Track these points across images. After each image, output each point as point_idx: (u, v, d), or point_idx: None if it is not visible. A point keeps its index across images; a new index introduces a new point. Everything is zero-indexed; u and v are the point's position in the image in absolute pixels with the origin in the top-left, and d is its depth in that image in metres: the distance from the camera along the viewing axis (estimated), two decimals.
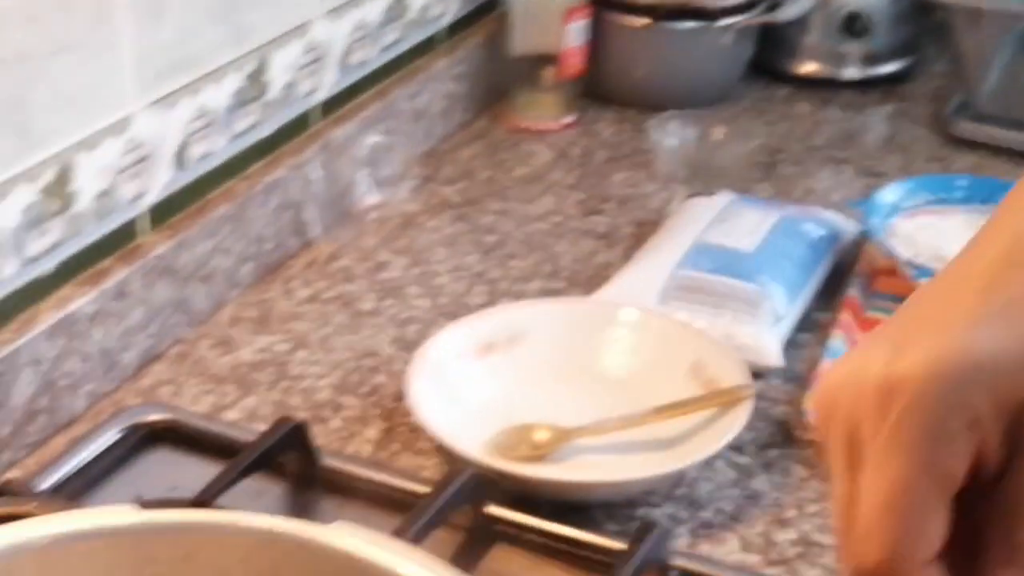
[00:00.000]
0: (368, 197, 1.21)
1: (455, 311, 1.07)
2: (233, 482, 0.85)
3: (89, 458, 0.90)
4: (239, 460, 0.87)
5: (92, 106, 0.95)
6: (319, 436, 0.92)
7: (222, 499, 0.80)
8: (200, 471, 0.89)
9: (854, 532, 0.44)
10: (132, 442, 0.92)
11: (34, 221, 0.92)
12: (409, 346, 1.02)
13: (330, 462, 0.89)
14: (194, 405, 0.97)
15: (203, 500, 0.78)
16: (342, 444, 0.94)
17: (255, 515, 0.54)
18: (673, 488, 0.89)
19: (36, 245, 0.93)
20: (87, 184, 0.96)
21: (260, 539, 0.54)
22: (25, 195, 0.91)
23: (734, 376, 0.94)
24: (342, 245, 1.17)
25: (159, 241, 1.02)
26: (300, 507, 0.88)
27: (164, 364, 1.02)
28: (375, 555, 0.52)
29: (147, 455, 0.92)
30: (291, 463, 0.89)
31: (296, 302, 1.09)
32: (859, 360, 0.45)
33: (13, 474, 0.89)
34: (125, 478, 0.90)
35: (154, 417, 0.94)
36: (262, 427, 0.89)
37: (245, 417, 0.96)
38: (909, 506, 0.43)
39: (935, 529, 0.43)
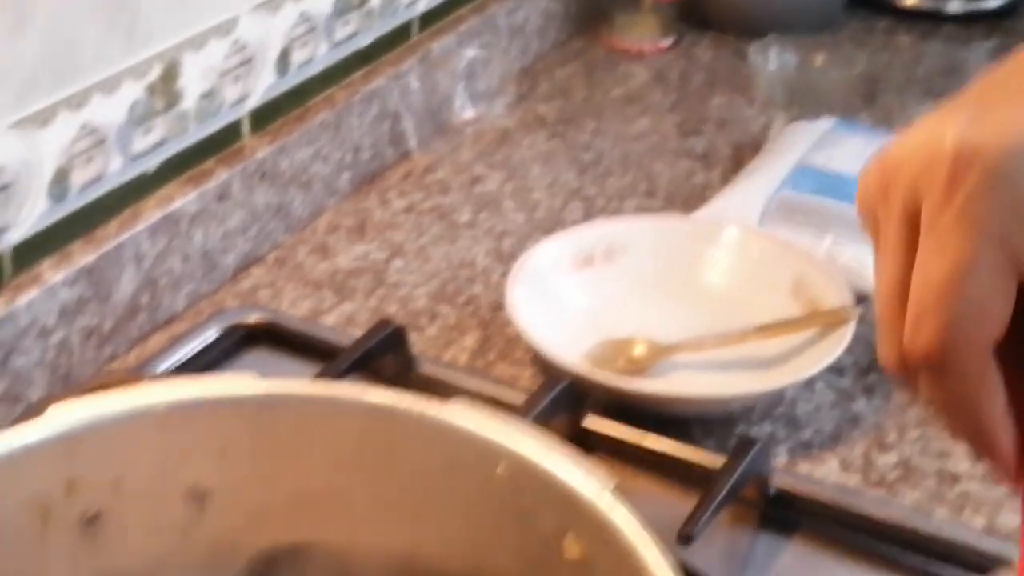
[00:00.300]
0: (464, 111, 1.20)
1: (551, 226, 1.06)
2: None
3: (188, 356, 0.90)
4: (338, 361, 0.87)
5: (200, 5, 0.95)
6: (416, 343, 0.92)
7: None
8: (298, 373, 0.89)
9: (905, 315, 0.40)
10: (231, 342, 0.93)
11: (139, 118, 0.92)
12: (505, 258, 1.02)
13: (427, 368, 0.89)
14: (292, 309, 0.97)
15: None
16: (438, 352, 0.93)
17: (375, 390, 0.54)
18: (772, 407, 0.88)
19: (141, 142, 0.93)
20: (192, 84, 0.96)
21: (378, 415, 0.53)
22: (131, 92, 0.91)
23: (837, 297, 0.92)
24: (438, 158, 1.16)
25: (260, 145, 1.02)
26: None
27: (263, 268, 1.02)
28: (492, 432, 0.52)
29: (245, 356, 0.92)
30: (388, 367, 0.88)
31: (392, 212, 1.09)
32: (929, 129, 0.40)
33: (114, 368, 0.90)
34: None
35: (253, 318, 0.94)
36: (359, 333, 0.89)
37: (342, 322, 0.96)
38: (975, 284, 0.38)
39: (999, 313, 0.39)
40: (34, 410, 0.50)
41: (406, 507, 0.54)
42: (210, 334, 0.92)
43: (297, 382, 0.54)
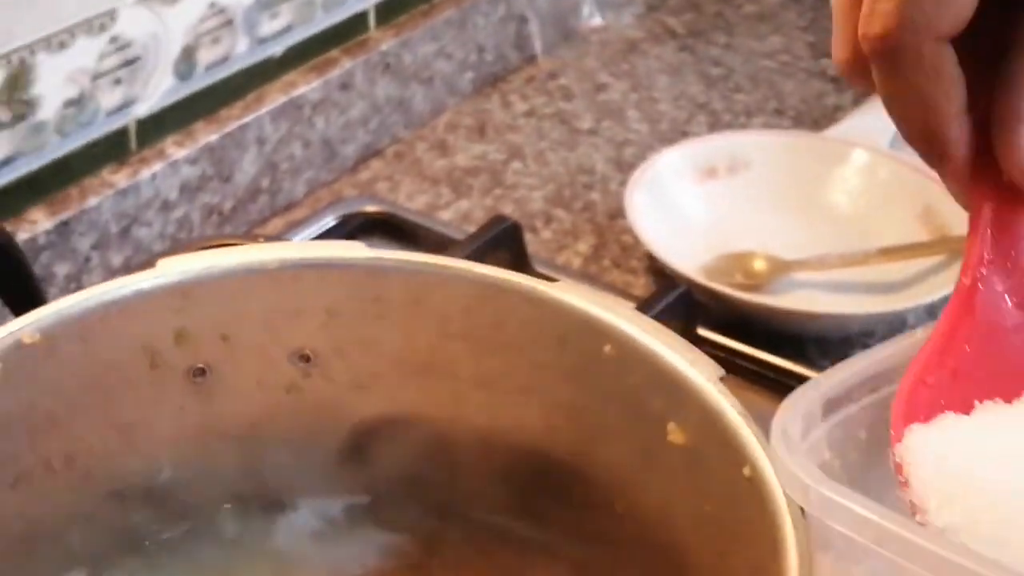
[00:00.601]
0: (592, 19, 1.19)
1: (674, 138, 1.04)
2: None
3: (305, 241, 0.90)
4: (452, 252, 0.87)
5: None
6: (530, 244, 0.91)
7: None
8: None
9: (860, 8, 0.38)
10: (347, 231, 0.93)
11: (267, 3, 0.92)
12: (624, 167, 1.00)
13: (540, 269, 0.88)
14: (409, 203, 0.97)
15: None
16: (552, 255, 0.93)
17: (484, 266, 0.53)
18: (892, 331, 0.86)
19: (267, 27, 0.93)
20: None
21: (487, 289, 0.53)
22: None
23: (965, 226, 0.89)
24: (563, 64, 1.15)
25: (385, 38, 1.01)
26: None
27: (381, 161, 1.02)
28: (600, 312, 0.51)
29: (363, 243, 0.92)
30: (502, 263, 0.87)
31: (513, 115, 1.08)
32: None
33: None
34: None
35: (370, 208, 0.94)
36: (474, 230, 0.88)
37: (458, 219, 0.96)
38: None
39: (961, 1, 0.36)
40: (146, 263, 0.51)
41: (510, 383, 0.54)
42: (327, 221, 0.93)
43: (406, 253, 0.54)
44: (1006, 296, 0.42)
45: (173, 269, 0.51)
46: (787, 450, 0.41)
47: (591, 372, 0.52)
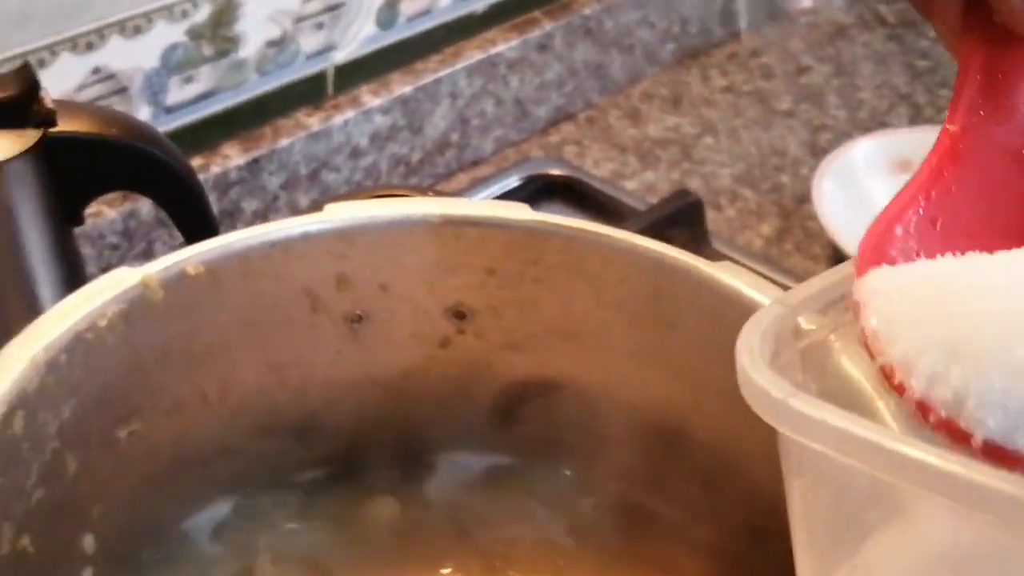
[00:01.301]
0: (801, 1, 1.16)
1: (872, 127, 1.01)
2: None
3: (487, 198, 0.91)
4: (629, 223, 0.87)
5: None
6: (712, 222, 0.90)
7: None
8: None
9: None
10: (530, 191, 0.93)
11: None
12: (818, 152, 0.98)
13: (719, 247, 0.87)
14: (595, 169, 0.97)
15: None
16: (733, 234, 0.91)
17: (647, 239, 0.53)
18: None
19: None
20: None
21: (647, 263, 0.52)
22: None
23: None
24: (767, 43, 1.13)
25: (588, 3, 1.01)
26: None
27: (572, 125, 1.02)
28: (757, 297, 0.50)
29: (542, 205, 0.92)
30: (680, 238, 0.87)
31: (711, 89, 1.07)
32: None
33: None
34: None
35: (555, 171, 0.94)
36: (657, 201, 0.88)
37: (642, 189, 0.95)
38: None
39: None
40: (312, 208, 0.52)
41: (661, 358, 0.53)
42: (511, 180, 0.93)
43: (569, 219, 0.53)
44: (997, 146, 0.40)
45: (339, 215, 0.52)
46: (752, 365, 0.37)
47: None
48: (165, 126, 0.81)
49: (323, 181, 0.88)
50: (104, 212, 0.78)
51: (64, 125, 0.55)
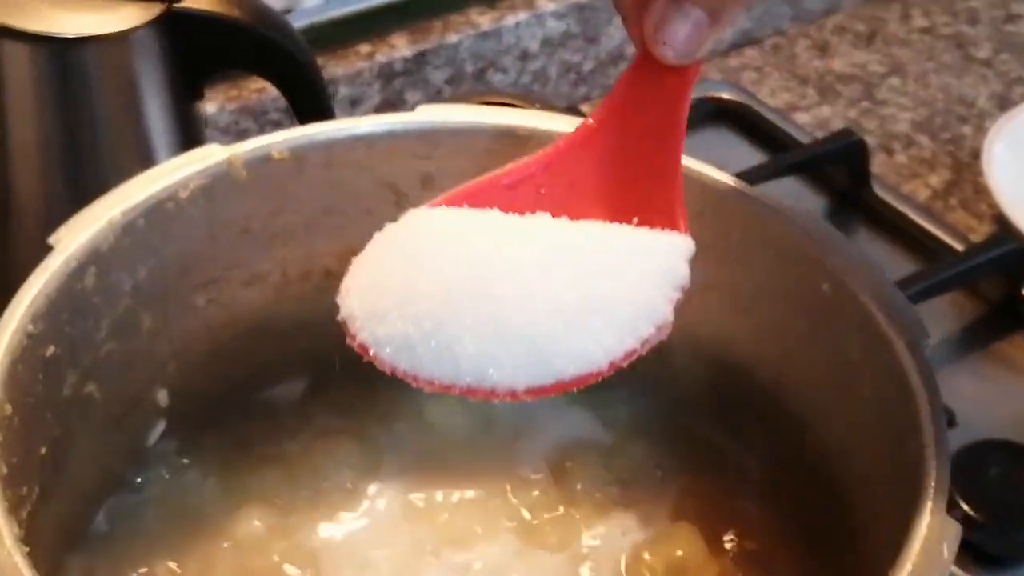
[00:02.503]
0: None
1: None
2: (777, 174, 0.83)
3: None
4: (786, 155, 0.85)
5: None
6: (880, 166, 0.88)
7: (762, 186, 0.79)
8: (750, 158, 0.88)
9: None
10: (698, 114, 0.92)
11: None
12: (1009, 107, 0.94)
13: (880, 192, 0.85)
14: (770, 98, 0.95)
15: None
16: (899, 180, 0.89)
17: (721, 173, 0.53)
18: None
19: None
20: None
21: (724, 196, 0.52)
22: None
23: None
24: None
25: None
26: (832, 223, 0.85)
27: (757, 51, 1.00)
28: (832, 249, 0.49)
29: (707, 128, 0.92)
30: (840, 179, 0.85)
31: (909, 29, 1.03)
32: None
33: (585, 108, 0.92)
34: None
35: (727, 96, 0.93)
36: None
37: (814, 124, 0.93)
38: None
39: None
40: (390, 108, 0.53)
41: (731, 295, 0.53)
42: None
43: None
44: (621, 145, 0.46)
45: (430, 117, 0.53)
46: None
47: (806, 304, 0.50)
48: (337, 10, 0.83)
49: (489, 80, 0.89)
50: (268, 88, 0.81)
51: (189, 1, 0.57)
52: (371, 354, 0.43)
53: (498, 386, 0.41)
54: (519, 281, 0.42)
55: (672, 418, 0.57)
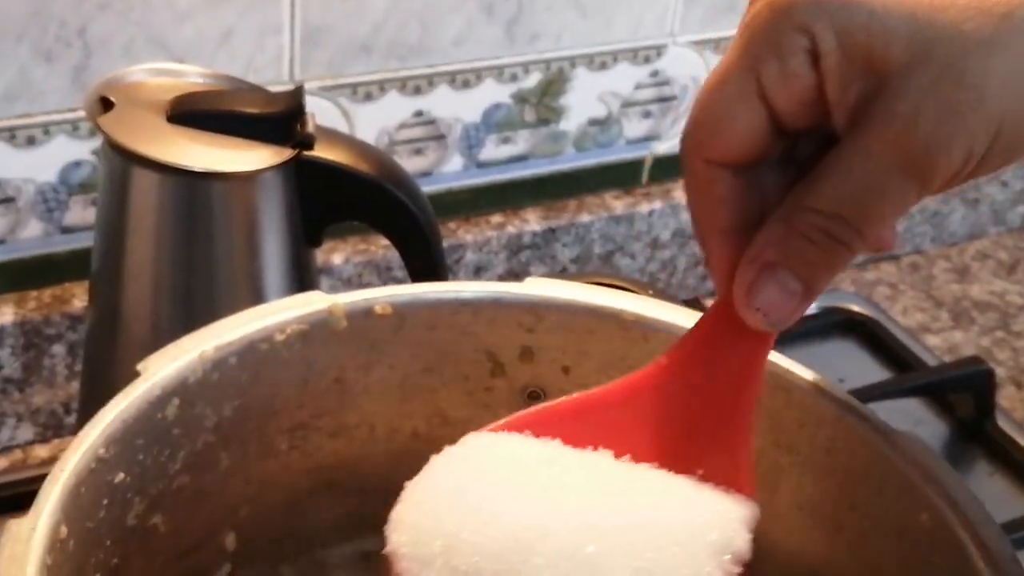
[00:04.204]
0: None
1: None
2: (900, 394, 0.81)
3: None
4: (912, 376, 0.83)
5: None
6: (1008, 398, 0.85)
7: (882, 405, 0.76)
8: (874, 374, 0.85)
9: None
10: (826, 323, 0.90)
11: None
12: None
13: (1005, 427, 0.82)
14: (902, 317, 0.93)
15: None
16: None
17: (834, 386, 0.50)
18: None
19: None
20: None
21: (829, 409, 0.50)
22: None
23: None
24: None
25: None
26: (950, 451, 0.82)
27: (894, 266, 0.98)
28: (937, 477, 0.46)
29: (833, 340, 0.90)
30: (964, 407, 0.82)
31: None
32: None
33: (708, 302, 0.91)
34: (804, 350, 0.88)
35: (858, 308, 0.91)
36: None
37: (944, 348, 0.90)
38: (718, 95, 0.40)
39: (732, 131, 0.40)
40: (513, 278, 0.52)
41: (824, 513, 0.50)
42: (810, 308, 0.91)
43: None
44: (686, 389, 0.44)
45: (536, 289, 0.53)
46: None
47: (901, 534, 0.47)
48: (473, 179, 0.84)
49: (615, 264, 0.88)
50: None
51: (320, 151, 0.58)
52: None
53: None
54: (575, 543, 0.40)
55: None
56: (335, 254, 0.80)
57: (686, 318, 0.52)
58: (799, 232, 0.40)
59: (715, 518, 0.42)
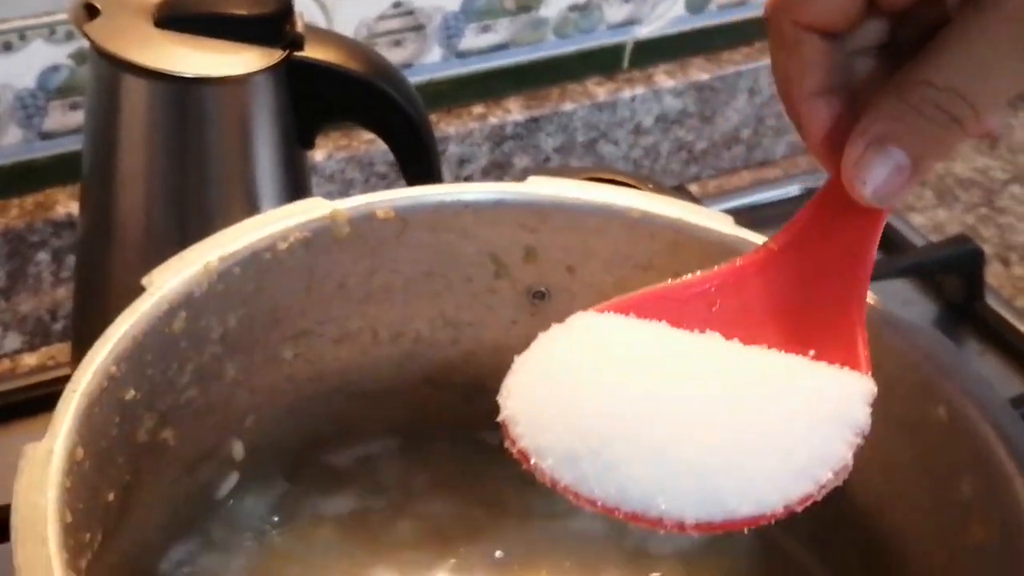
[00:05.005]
0: None
1: None
2: (887, 275, 0.81)
3: (763, 202, 0.89)
4: (899, 257, 0.83)
5: None
6: (995, 276, 0.85)
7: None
8: None
9: None
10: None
11: None
12: None
13: (994, 305, 0.82)
14: None
15: None
16: (1015, 294, 0.85)
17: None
18: None
19: None
20: None
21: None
22: None
23: None
24: None
25: None
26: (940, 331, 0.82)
27: None
28: (951, 371, 0.46)
29: None
30: (952, 286, 0.82)
31: None
32: None
33: (692, 188, 0.90)
34: None
35: None
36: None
37: (929, 227, 0.90)
38: None
39: None
40: (518, 176, 0.52)
41: None
42: (792, 189, 0.91)
43: (668, 203, 0.52)
44: (801, 272, 0.44)
45: (539, 189, 0.52)
46: None
47: (918, 431, 0.48)
48: (453, 70, 0.82)
49: (599, 152, 0.88)
50: (378, 141, 0.80)
51: (310, 51, 0.56)
52: (532, 463, 0.40)
53: (665, 516, 0.39)
54: (693, 405, 0.40)
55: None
56: (317, 151, 0.79)
57: (692, 214, 0.52)
58: (912, 105, 0.39)
59: (834, 392, 0.42)
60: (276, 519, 0.53)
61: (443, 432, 0.56)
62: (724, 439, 0.39)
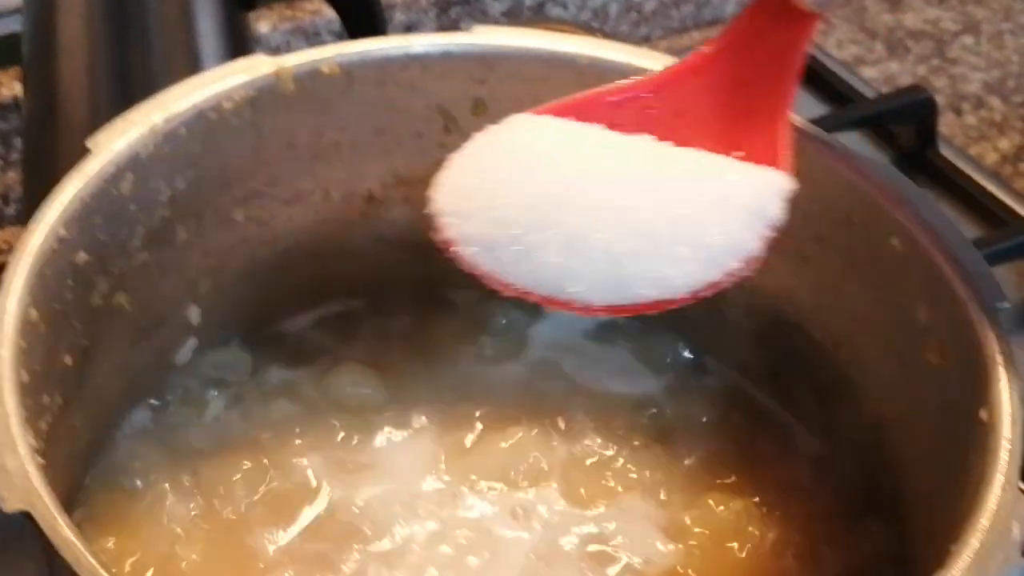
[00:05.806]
0: None
1: None
2: (840, 127, 0.80)
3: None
4: (852, 108, 0.83)
5: None
6: (947, 126, 0.85)
7: None
8: (813, 109, 0.85)
9: None
10: None
11: None
12: None
13: (947, 153, 0.82)
14: (836, 50, 0.92)
15: None
16: (967, 142, 0.86)
17: (801, 120, 0.50)
18: None
19: None
20: None
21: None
22: None
23: None
24: None
25: None
26: None
27: None
28: (901, 203, 0.46)
29: None
30: (905, 137, 0.82)
31: None
32: None
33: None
34: None
35: None
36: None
37: (881, 80, 0.90)
38: None
39: None
40: (465, 31, 0.51)
41: (790, 247, 0.50)
42: None
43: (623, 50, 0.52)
44: (734, 76, 0.45)
45: (487, 39, 0.51)
46: None
47: (871, 261, 0.48)
48: None
49: (547, 14, 0.87)
50: (322, 11, 0.79)
51: None
52: (453, 250, 0.43)
53: (575, 298, 0.41)
54: (612, 198, 0.42)
55: (722, 377, 0.55)
56: (262, 22, 0.77)
57: (642, 58, 0.52)
58: None
59: (750, 185, 0.43)
60: (237, 382, 0.53)
61: (400, 292, 0.56)
62: (637, 229, 0.41)
